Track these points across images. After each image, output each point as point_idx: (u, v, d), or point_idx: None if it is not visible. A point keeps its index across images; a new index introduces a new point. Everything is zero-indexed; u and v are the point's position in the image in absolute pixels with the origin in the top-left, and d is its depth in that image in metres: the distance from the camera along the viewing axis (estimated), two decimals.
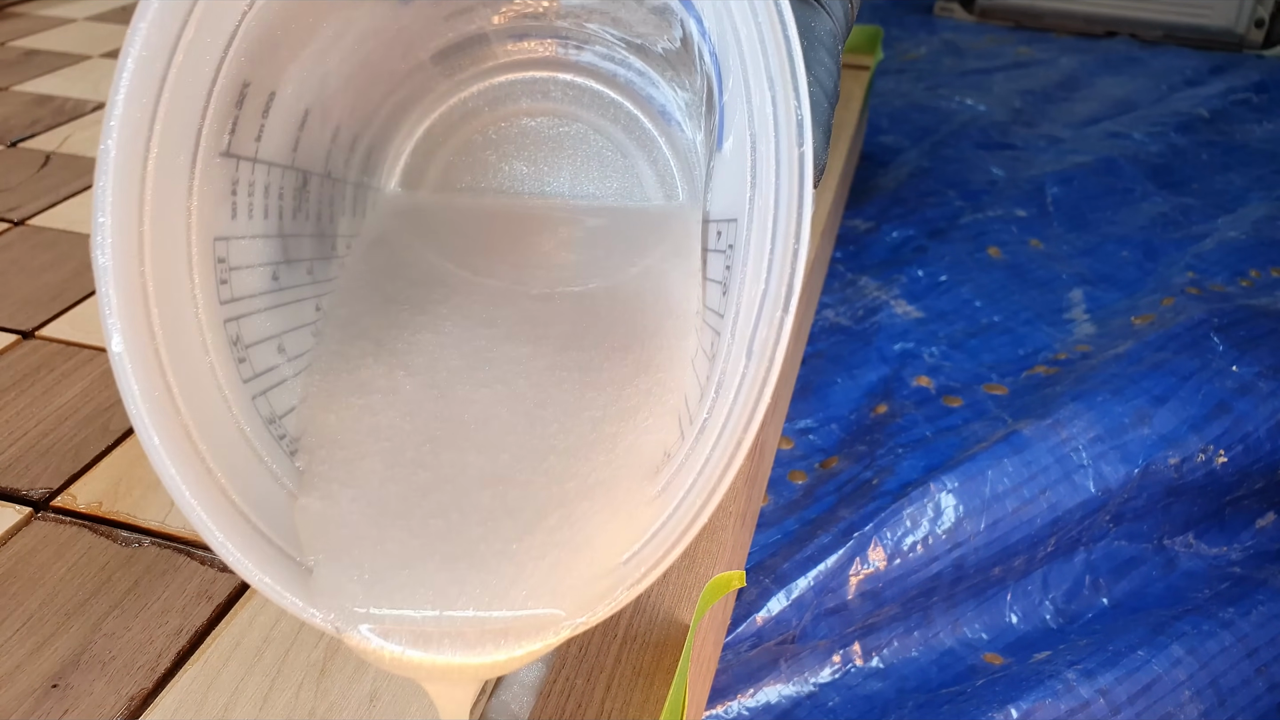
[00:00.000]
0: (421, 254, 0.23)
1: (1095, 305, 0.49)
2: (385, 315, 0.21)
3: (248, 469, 0.17)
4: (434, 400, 0.19)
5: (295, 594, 0.16)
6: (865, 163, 0.65)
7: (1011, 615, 0.34)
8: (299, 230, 0.20)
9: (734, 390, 0.15)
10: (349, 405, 0.19)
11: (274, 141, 0.19)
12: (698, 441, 0.15)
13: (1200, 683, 0.31)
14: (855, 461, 0.38)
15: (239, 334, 0.18)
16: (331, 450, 0.18)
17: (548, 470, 0.18)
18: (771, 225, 0.14)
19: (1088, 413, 0.38)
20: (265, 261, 0.19)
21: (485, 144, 0.25)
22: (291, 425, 0.18)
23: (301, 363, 0.20)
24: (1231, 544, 0.38)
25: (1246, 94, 0.77)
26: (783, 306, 0.14)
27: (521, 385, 0.19)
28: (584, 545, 0.16)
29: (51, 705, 0.20)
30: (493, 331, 0.21)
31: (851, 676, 0.31)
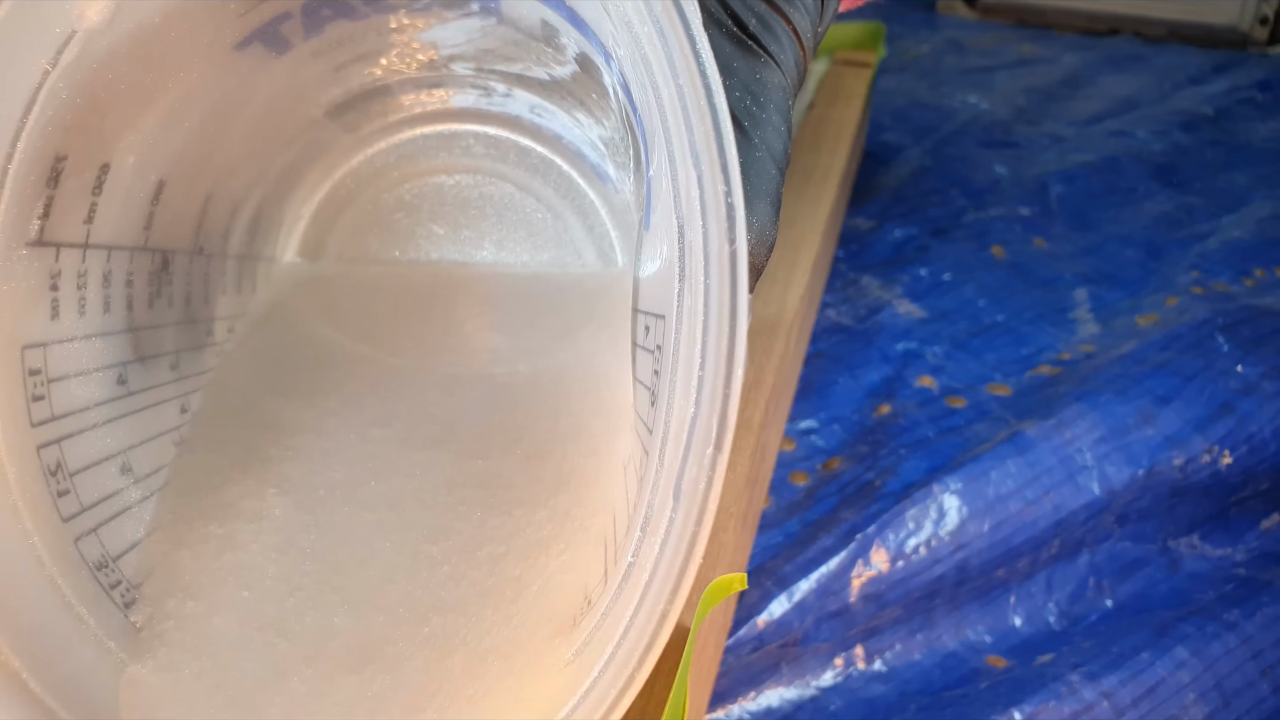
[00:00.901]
0: (315, 330, 0.20)
1: (1099, 305, 0.49)
2: (263, 412, 0.18)
3: (58, 639, 0.13)
4: (306, 528, 0.16)
5: None
6: (867, 161, 0.65)
7: (1015, 617, 0.34)
8: (158, 320, 0.17)
9: (660, 539, 0.13)
10: (208, 536, 0.16)
11: (114, 220, 0.16)
12: (621, 590, 0.13)
13: (1205, 685, 0.30)
14: (857, 462, 0.38)
15: (60, 460, 0.14)
16: (181, 601, 0.15)
17: (430, 638, 0.14)
18: (701, 338, 0.12)
19: (1092, 413, 0.37)
20: (106, 364, 0.16)
21: (396, 206, 0.22)
22: (130, 568, 0.15)
23: (154, 482, 0.16)
24: (1236, 545, 0.37)
25: (1251, 92, 0.77)
26: (713, 444, 0.12)
27: (412, 507, 0.16)
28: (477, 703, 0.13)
29: None
30: (386, 432, 0.18)
31: (854, 679, 0.31)
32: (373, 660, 0.14)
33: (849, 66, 0.61)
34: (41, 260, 0.14)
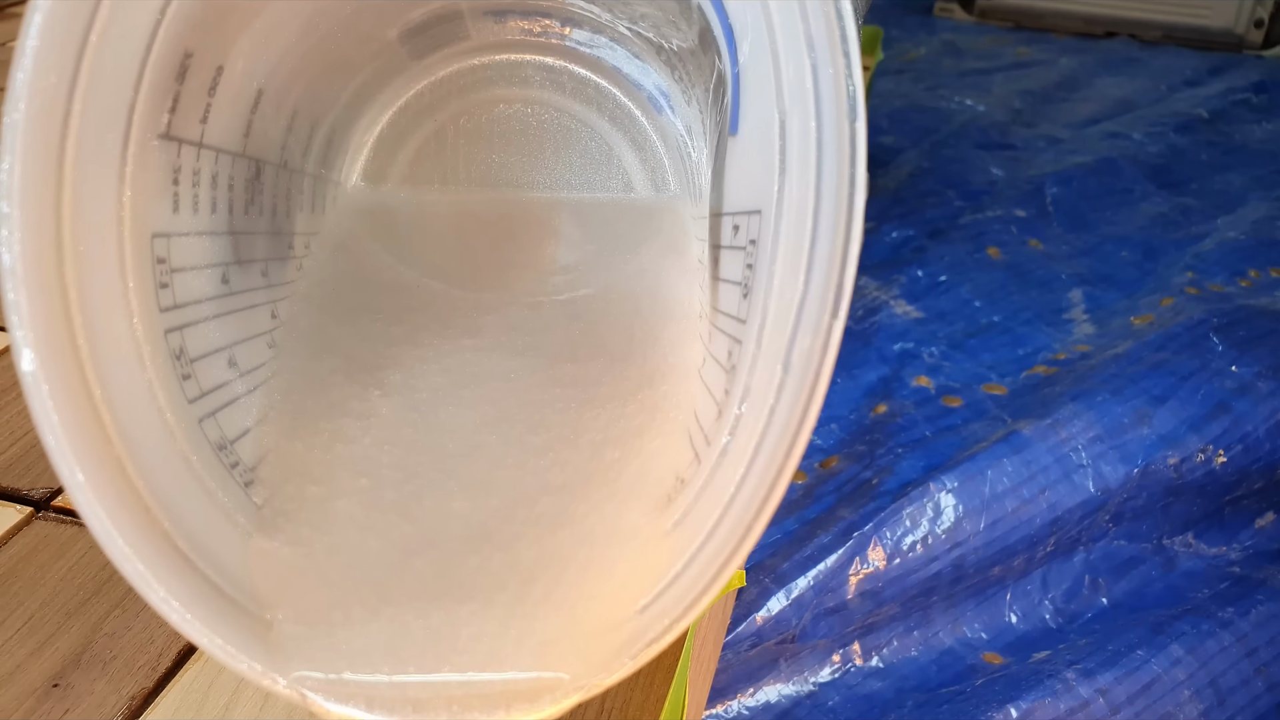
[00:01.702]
0: (391, 258, 0.21)
1: (1094, 305, 0.50)
2: (355, 326, 0.19)
3: (195, 506, 0.14)
4: (414, 425, 0.17)
5: (254, 656, 0.13)
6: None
7: (1011, 615, 0.34)
8: (252, 227, 0.18)
9: (768, 409, 0.13)
10: (318, 431, 0.17)
11: (222, 124, 0.16)
12: (719, 465, 0.13)
13: (1199, 682, 0.31)
14: (855, 461, 0.38)
15: (183, 346, 0.15)
16: (300, 485, 0.16)
17: (540, 518, 0.15)
18: (813, 217, 0.12)
19: (1087, 413, 0.38)
20: (214, 262, 0.17)
21: (457, 133, 0.23)
22: (246, 452, 0.16)
23: (256, 377, 0.17)
24: (1231, 544, 0.38)
25: (1246, 94, 0.78)
26: (830, 311, 0.12)
27: (511, 405, 0.17)
28: (587, 597, 0.14)
29: (52, 705, 0.20)
30: (477, 342, 0.19)
31: (851, 676, 0.31)
32: (489, 539, 0.15)
33: None
34: (167, 154, 0.15)
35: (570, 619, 0.14)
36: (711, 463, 0.14)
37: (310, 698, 0.13)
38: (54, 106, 0.13)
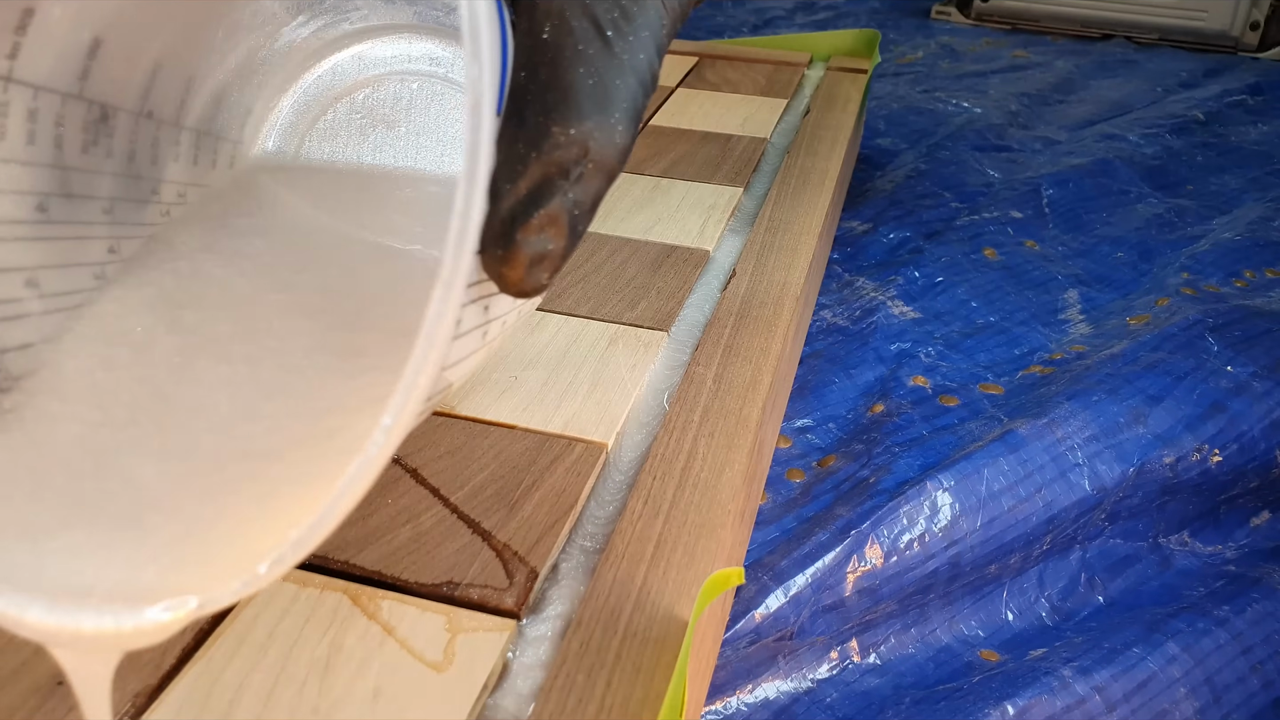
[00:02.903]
0: (260, 205, 0.22)
1: (1090, 306, 0.50)
2: (189, 264, 0.20)
3: None
4: (171, 372, 0.17)
5: None
6: (862, 165, 0.65)
7: (1008, 613, 0.34)
8: (93, 166, 0.19)
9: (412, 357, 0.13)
10: (93, 354, 0.18)
11: (42, 64, 0.17)
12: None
13: (1195, 680, 0.31)
14: (853, 460, 0.38)
15: None
16: (46, 400, 0.16)
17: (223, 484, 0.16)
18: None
19: (1083, 412, 0.38)
20: (23, 190, 0.17)
21: (353, 111, 0.24)
22: (14, 363, 0.17)
23: (63, 302, 0.18)
24: (1226, 542, 0.38)
25: (1242, 96, 0.78)
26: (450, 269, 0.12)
27: (268, 370, 0.18)
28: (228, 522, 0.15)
29: (56, 703, 0.21)
30: (279, 298, 0.19)
31: (849, 673, 0.31)
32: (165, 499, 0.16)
33: (844, 72, 0.62)
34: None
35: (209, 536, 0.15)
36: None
37: None
38: None
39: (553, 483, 0.27)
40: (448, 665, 0.22)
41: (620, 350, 0.34)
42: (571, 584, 0.24)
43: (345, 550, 0.25)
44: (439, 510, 0.26)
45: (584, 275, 0.39)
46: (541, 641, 0.23)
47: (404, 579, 0.24)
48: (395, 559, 0.25)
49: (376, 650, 0.22)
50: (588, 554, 0.25)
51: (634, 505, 0.26)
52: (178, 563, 0.15)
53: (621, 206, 0.44)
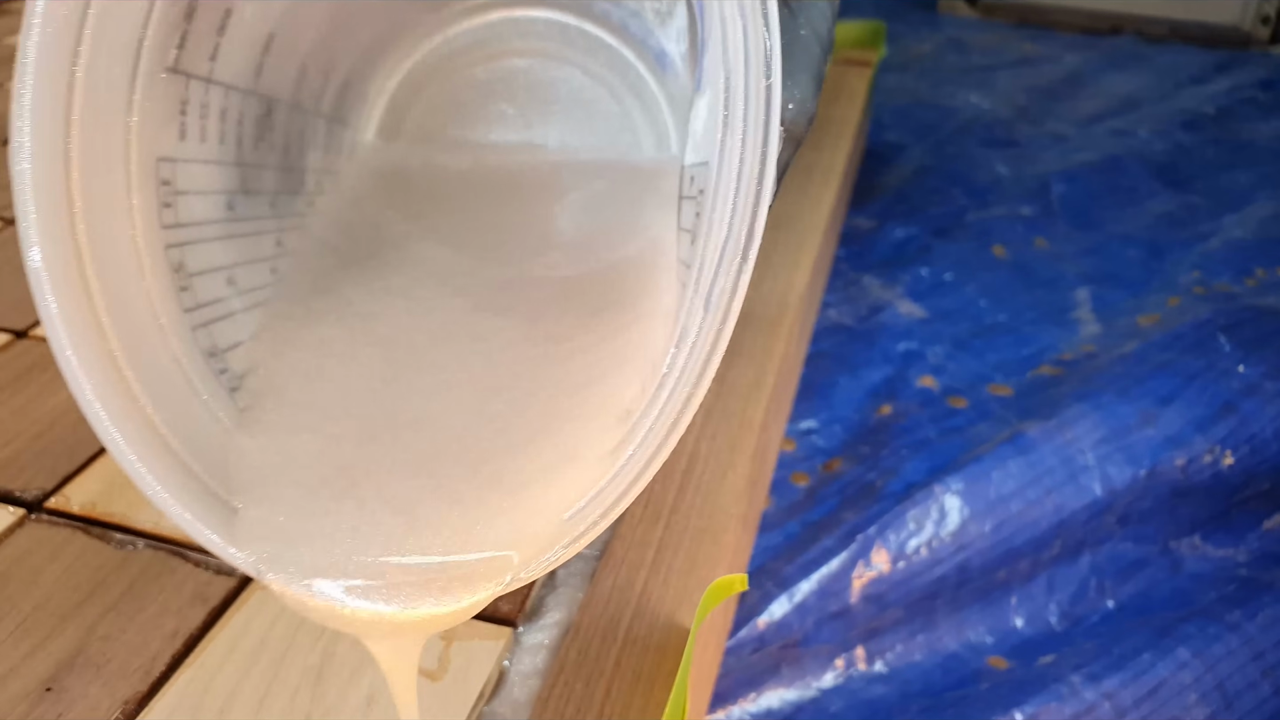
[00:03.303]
0: (399, 215, 0.22)
1: (1101, 305, 0.49)
2: (357, 272, 0.20)
3: (179, 400, 0.16)
4: (385, 380, 0.18)
5: (217, 531, 0.15)
6: (868, 160, 0.65)
7: (1016, 618, 0.34)
8: (261, 161, 0.19)
9: (690, 343, 0.14)
10: (303, 359, 0.18)
11: (233, 63, 0.18)
12: (655, 397, 0.15)
13: (1206, 686, 0.30)
14: (858, 463, 0.38)
15: (182, 261, 0.17)
16: (278, 394, 0.17)
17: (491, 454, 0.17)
18: (737, 167, 0.14)
19: (1093, 414, 0.37)
20: (218, 189, 0.18)
21: (472, 85, 0.24)
22: (236, 361, 0.18)
23: (255, 298, 0.19)
24: (1238, 546, 0.37)
25: (1253, 91, 0.77)
26: (740, 255, 0.14)
27: (479, 369, 0.18)
28: (531, 502, 0.16)
29: (45, 709, 0.20)
30: (464, 302, 0.20)
31: (854, 681, 0.31)
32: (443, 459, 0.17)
33: (850, 65, 0.61)
34: (175, 86, 0.16)
35: (514, 517, 0.16)
36: (650, 395, 0.15)
37: (263, 571, 0.15)
38: (64, 38, 0.14)
39: None
40: (443, 673, 0.21)
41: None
42: (569, 590, 0.24)
43: None
44: None
45: None
46: (539, 649, 0.22)
47: None
48: None
49: (370, 658, 0.22)
50: (586, 560, 0.25)
51: (634, 510, 0.26)
52: (464, 549, 0.15)
53: None
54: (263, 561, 0.15)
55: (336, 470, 0.16)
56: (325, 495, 0.16)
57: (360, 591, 0.15)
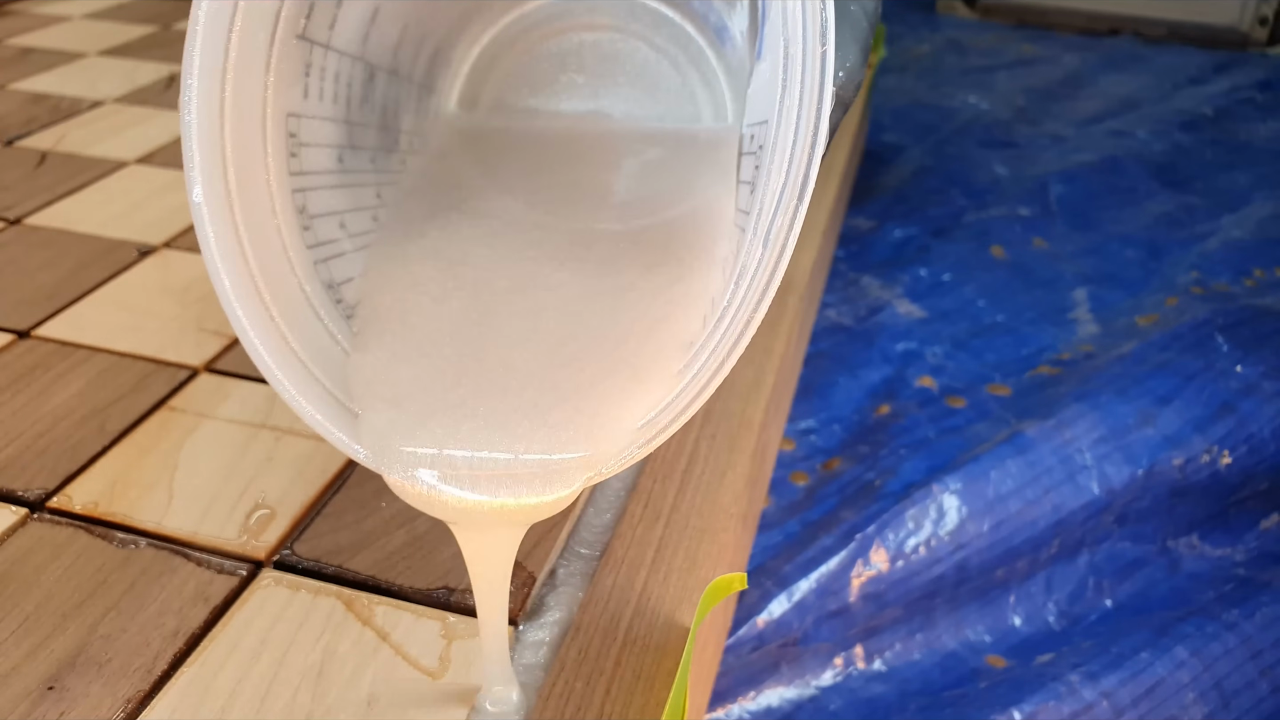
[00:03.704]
0: (479, 173, 0.25)
1: (1099, 305, 0.49)
2: (444, 221, 0.23)
3: (306, 323, 0.18)
4: (472, 318, 0.20)
5: (343, 432, 0.17)
6: (867, 161, 0.65)
7: (1014, 617, 0.34)
8: (365, 120, 0.22)
9: (749, 276, 0.16)
10: (402, 296, 0.21)
11: (346, 32, 0.20)
12: (715, 327, 0.17)
13: (1204, 685, 0.30)
14: (857, 462, 0.38)
15: (305, 204, 0.20)
16: (386, 322, 0.20)
17: (578, 361, 0.19)
18: (795, 122, 0.15)
19: (1091, 413, 0.37)
20: (332, 143, 0.21)
21: (544, 57, 0.27)
22: (348, 293, 0.20)
23: (361, 241, 0.21)
24: (1236, 545, 0.37)
25: (1251, 92, 0.77)
26: (797, 196, 0.15)
27: (552, 313, 0.21)
28: (609, 414, 0.18)
29: (47, 708, 0.20)
30: (537, 254, 0.22)
31: (853, 679, 0.31)
32: (530, 378, 0.19)
33: None
34: (302, 51, 0.19)
35: (594, 428, 0.18)
36: (710, 327, 0.17)
37: (379, 464, 0.17)
38: (223, 12, 0.17)
39: None
40: (443, 672, 0.21)
41: None
42: (570, 590, 0.24)
43: (339, 555, 0.24)
44: None
45: None
46: (539, 648, 0.22)
47: (399, 584, 0.24)
48: (390, 564, 0.24)
49: (371, 657, 0.22)
50: (586, 559, 0.25)
51: (634, 509, 0.26)
52: (564, 447, 0.18)
53: None
54: (379, 456, 0.17)
55: (439, 386, 0.19)
56: (430, 405, 0.18)
57: (462, 482, 0.17)
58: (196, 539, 0.25)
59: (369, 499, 0.27)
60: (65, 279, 0.37)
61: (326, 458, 0.28)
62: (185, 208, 0.42)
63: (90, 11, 0.70)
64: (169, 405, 0.30)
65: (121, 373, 0.31)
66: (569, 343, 0.19)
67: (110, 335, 0.33)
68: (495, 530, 0.18)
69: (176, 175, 0.46)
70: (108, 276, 0.37)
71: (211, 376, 0.31)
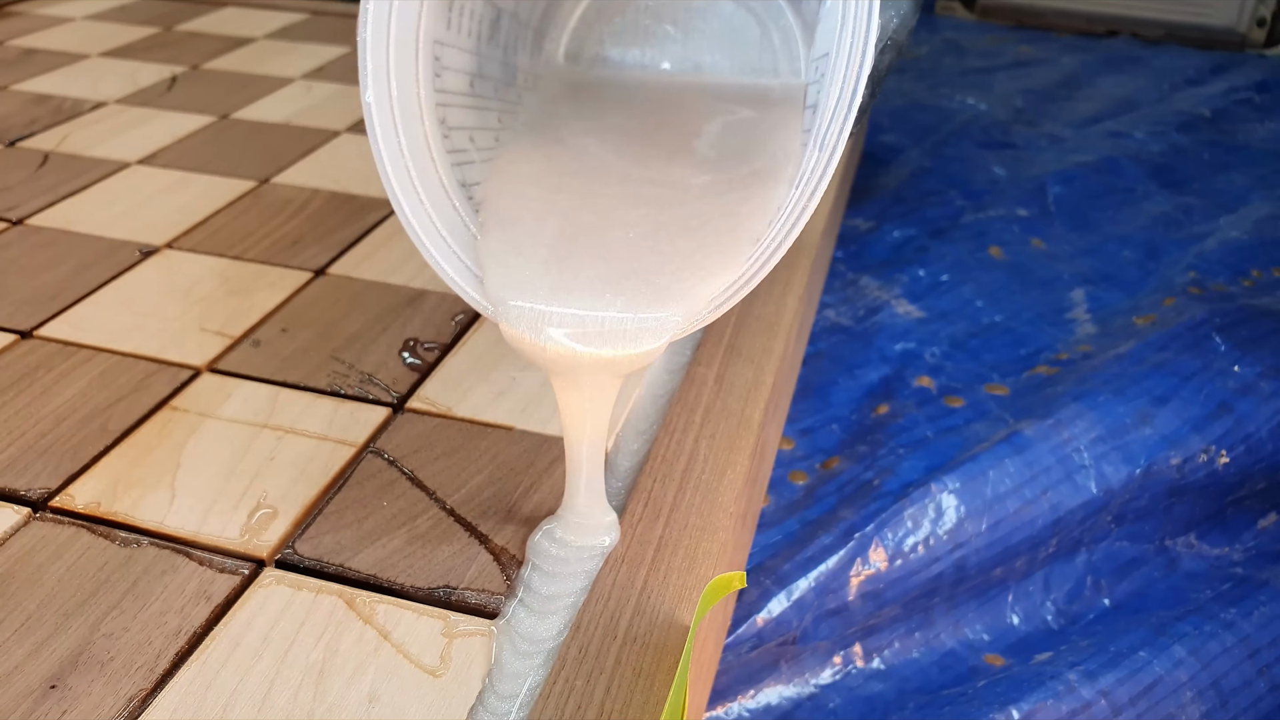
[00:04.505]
0: (579, 116, 0.29)
1: (1097, 305, 0.49)
2: (550, 151, 0.27)
3: (445, 209, 0.23)
4: (586, 220, 0.24)
5: (476, 293, 0.22)
6: (866, 162, 0.65)
7: (1013, 616, 0.34)
8: (490, 55, 0.27)
9: (805, 176, 0.20)
10: (521, 194, 0.25)
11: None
12: (777, 215, 0.21)
13: (1202, 683, 0.30)
14: (856, 462, 0.38)
15: (445, 117, 0.24)
16: (507, 214, 0.24)
17: (667, 246, 0.23)
18: (847, 51, 0.19)
19: (1089, 413, 0.37)
20: (466, 70, 0.25)
21: (641, 11, 0.31)
22: (476, 193, 0.24)
23: (485, 154, 0.26)
24: (1233, 544, 0.38)
25: (1248, 93, 0.77)
26: (847, 107, 0.19)
27: (647, 219, 0.25)
28: (692, 283, 0.22)
29: (50, 706, 0.20)
30: (634, 176, 0.26)
31: (852, 678, 0.31)
32: (629, 252, 0.23)
33: None
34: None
35: (677, 291, 0.22)
36: (775, 220, 0.21)
37: (501, 317, 0.21)
38: None
39: (551, 485, 0.27)
40: (444, 670, 0.22)
41: None
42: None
43: (340, 554, 0.24)
44: (436, 513, 0.26)
45: None
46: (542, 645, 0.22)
47: (400, 582, 0.24)
48: (391, 562, 0.24)
49: (372, 655, 0.22)
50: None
51: (634, 508, 0.26)
52: (655, 308, 0.21)
53: None
54: (501, 310, 0.21)
55: (552, 259, 0.23)
56: (544, 272, 0.22)
57: (571, 335, 0.21)
58: (198, 538, 0.25)
59: (370, 498, 0.27)
60: (68, 279, 0.37)
61: (328, 457, 0.28)
62: (187, 209, 0.43)
63: (92, 13, 0.70)
64: (171, 405, 0.30)
65: (124, 373, 0.31)
66: (660, 232, 0.23)
67: (112, 335, 0.33)
68: (593, 381, 0.22)
69: (179, 176, 0.46)
70: (110, 277, 0.37)
71: (214, 377, 0.32)
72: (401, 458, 0.28)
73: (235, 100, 0.55)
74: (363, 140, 0.50)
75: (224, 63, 0.61)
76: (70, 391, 0.30)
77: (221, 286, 0.37)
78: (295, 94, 0.56)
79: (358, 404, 0.30)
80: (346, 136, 0.51)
